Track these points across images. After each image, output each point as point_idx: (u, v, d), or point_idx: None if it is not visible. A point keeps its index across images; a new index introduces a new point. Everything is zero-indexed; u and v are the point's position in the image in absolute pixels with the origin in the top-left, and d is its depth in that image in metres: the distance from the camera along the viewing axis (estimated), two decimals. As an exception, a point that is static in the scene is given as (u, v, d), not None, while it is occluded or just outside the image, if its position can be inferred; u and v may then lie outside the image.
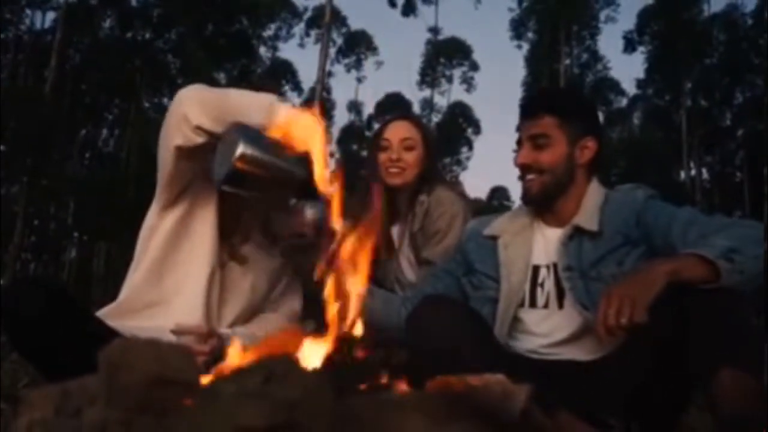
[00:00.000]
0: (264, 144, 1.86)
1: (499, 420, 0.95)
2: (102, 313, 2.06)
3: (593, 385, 1.76)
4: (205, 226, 2.19)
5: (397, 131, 2.62)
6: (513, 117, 2.12)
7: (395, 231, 2.62)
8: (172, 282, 2.12)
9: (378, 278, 2.52)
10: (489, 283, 2.08)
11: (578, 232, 1.98)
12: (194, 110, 1.91)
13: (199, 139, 1.93)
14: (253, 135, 1.86)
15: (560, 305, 1.97)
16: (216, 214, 2.20)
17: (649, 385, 1.74)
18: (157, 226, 2.17)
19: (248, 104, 1.93)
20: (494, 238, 2.12)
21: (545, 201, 2.05)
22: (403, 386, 1.09)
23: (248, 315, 2.27)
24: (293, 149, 1.84)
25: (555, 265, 2.00)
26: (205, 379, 0.90)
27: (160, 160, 2.08)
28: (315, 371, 1.01)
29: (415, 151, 2.59)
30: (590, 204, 2.01)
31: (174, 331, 2.02)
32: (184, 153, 1.99)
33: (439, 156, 2.89)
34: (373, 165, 2.63)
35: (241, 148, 1.82)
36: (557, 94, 2.76)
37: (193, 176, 2.14)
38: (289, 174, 1.92)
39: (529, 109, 2.08)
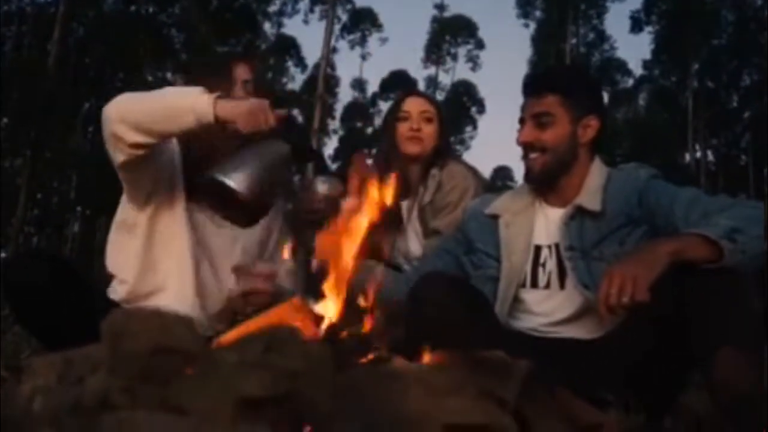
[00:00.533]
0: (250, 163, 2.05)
1: (498, 395, 0.95)
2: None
3: (593, 363, 1.77)
4: (178, 209, 2.20)
5: (416, 104, 2.67)
6: (518, 96, 2.12)
7: (405, 205, 2.63)
8: (163, 269, 2.15)
9: (389, 252, 2.54)
10: (490, 262, 2.07)
11: (580, 212, 1.98)
12: (123, 129, 1.95)
13: (141, 152, 1.98)
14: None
15: (562, 285, 1.97)
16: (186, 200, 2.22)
17: (648, 364, 1.75)
18: (135, 223, 2.18)
19: (173, 111, 1.93)
20: (495, 218, 2.11)
21: (548, 180, 2.04)
22: (403, 360, 1.09)
23: None
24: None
25: (557, 245, 2.00)
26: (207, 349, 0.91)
27: (122, 181, 2.13)
28: (316, 342, 1.01)
29: (433, 124, 2.63)
30: (593, 184, 2.00)
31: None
32: (132, 165, 2.04)
33: (449, 133, 2.92)
34: (391, 136, 2.65)
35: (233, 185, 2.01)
36: (561, 72, 2.75)
37: (156, 178, 2.15)
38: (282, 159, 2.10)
39: (533, 88, 2.07)
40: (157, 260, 2.17)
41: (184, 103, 1.91)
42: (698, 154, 28.05)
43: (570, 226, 1.97)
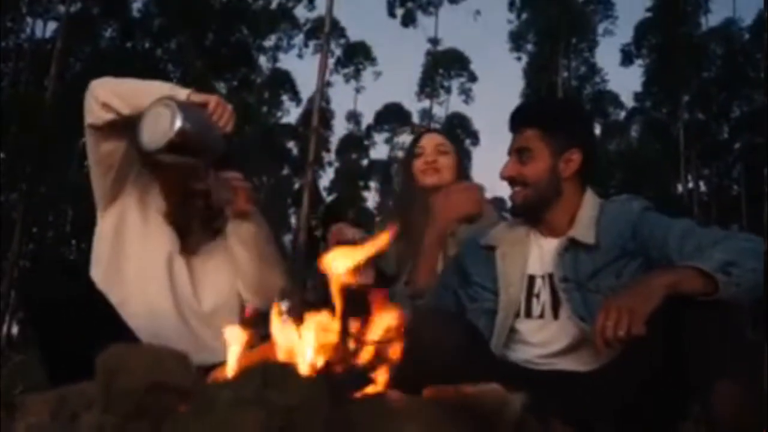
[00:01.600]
0: (195, 116, 2.02)
1: (494, 428, 0.95)
2: None
3: (589, 396, 1.75)
4: (149, 216, 2.28)
5: (431, 139, 2.73)
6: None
7: None
8: (131, 278, 2.16)
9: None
10: (486, 295, 2.07)
11: (574, 245, 1.98)
12: (101, 91, 2.08)
13: (107, 116, 2.08)
14: (185, 107, 1.99)
15: (555, 315, 1.96)
16: (158, 202, 2.29)
17: (645, 396, 1.74)
18: (100, 229, 2.27)
19: (151, 89, 2.09)
20: (491, 249, 2.11)
21: (530, 213, 2.05)
22: (398, 395, 1.09)
23: (231, 299, 2.31)
24: (216, 124, 2.06)
25: (550, 276, 1.99)
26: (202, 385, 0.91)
27: (88, 156, 2.22)
28: (311, 377, 1.01)
29: (449, 156, 2.68)
30: (585, 216, 2.00)
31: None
32: (99, 133, 2.14)
33: (467, 169, 2.93)
34: (408, 173, 2.70)
35: (178, 122, 1.93)
36: (540, 106, 2.70)
37: (121, 172, 2.24)
38: (212, 147, 2.07)
39: (513, 123, 2.09)
40: (126, 261, 2.22)
41: (163, 87, 2.11)
42: (690, 185, 28.19)
43: (564, 258, 1.97)
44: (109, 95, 2.08)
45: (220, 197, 2.21)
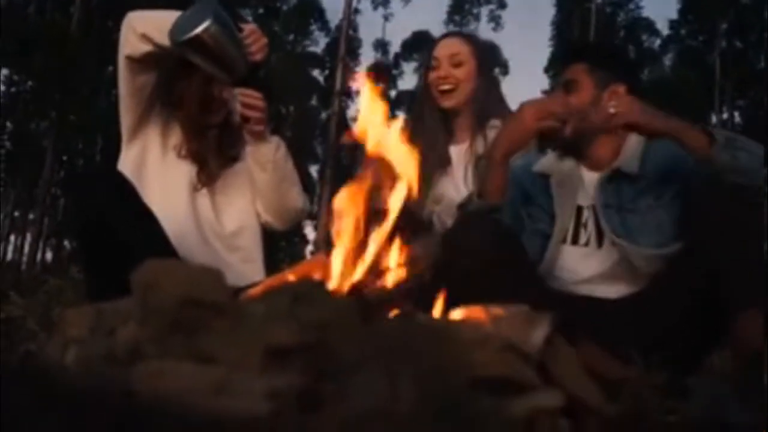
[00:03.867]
0: (228, 29, 2.07)
1: (522, 348, 0.96)
2: None
3: (621, 322, 1.82)
4: (168, 150, 2.31)
5: (446, 47, 2.59)
6: (542, 57, 2.19)
7: (453, 150, 2.57)
8: (154, 207, 2.14)
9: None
10: (544, 217, 2.11)
11: (618, 175, 2.02)
12: (140, 22, 2.11)
13: (145, 47, 2.10)
14: (223, 17, 2.06)
15: (599, 244, 2.02)
16: (177, 138, 2.32)
17: (676, 325, 1.79)
18: (124, 159, 2.30)
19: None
20: (545, 177, 2.14)
21: (576, 146, 2.09)
22: (428, 313, 1.11)
23: (253, 220, 2.35)
24: (244, 47, 2.10)
25: (594, 207, 2.04)
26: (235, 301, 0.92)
27: (120, 87, 2.24)
28: (342, 295, 1.02)
29: (464, 67, 2.55)
30: (630, 147, 2.04)
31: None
32: (135, 65, 2.16)
33: (491, 71, 2.80)
34: (425, 88, 2.60)
35: (209, 22, 2.01)
36: (587, 43, 2.94)
37: (149, 105, 2.28)
38: (235, 63, 2.11)
39: (563, 59, 2.22)
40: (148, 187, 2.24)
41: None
42: (725, 116, 27.58)
43: (607, 188, 2.02)
44: (148, 27, 2.08)
45: (237, 116, 2.21)
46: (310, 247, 29.72)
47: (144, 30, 2.08)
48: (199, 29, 2.00)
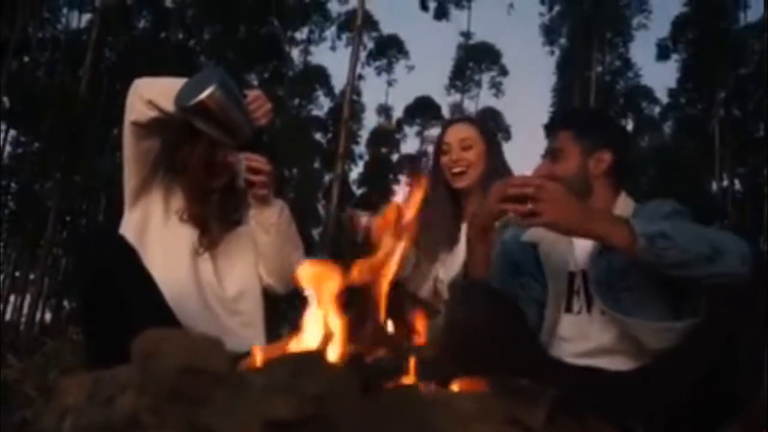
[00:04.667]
0: (233, 94, 2.12)
1: (525, 422, 0.95)
2: None
3: (624, 396, 1.77)
4: (170, 215, 2.31)
5: (455, 133, 2.71)
6: (544, 122, 2.21)
7: (465, 230, 2.62)
8: (155, 272, 2.11)
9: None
10: (535, 285, 2.08)
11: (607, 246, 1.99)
12: (147, 88, 2.15)
13: (151, 113, 2.12)
14: (228, 83, 2.12)
15: (589, 311, 1.99)
16: (179, 203, 2.33)
17: (684, 400, 1.74)
18: (126, 223, 2.30)
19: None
20: (534, 245, 2.12)
21: None
22: (430, 384, 1.09)
23: (255, 284, 2.34)
24: (249, 113, 2.16)
25: (584, 273, 2.01)
26: (236, 371, 0.92)
27: (124, 151, 2.27)
28: (342, 366, 1.02)
29: (473, 150, 2.65)
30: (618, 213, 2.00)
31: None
32: (141, 131, 2.19)
33: (500, 153, 2.89)
34: (437, 169, 2.70)
35: (213, 87, 2.05)
36: (573, 110, 2.97)
37: (153, 169, 2.30)
38: (240, 128, 2.15)
39: (550, 127, 2.30)
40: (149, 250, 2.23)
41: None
42: (725, 183, 27.73)
43: (597, 260, 1.98)
44: (155, 93, 2.12)
45: (242, 180, 2.23)
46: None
47: (150, 96, 2.12)
48: (203, 95, 2.05)
